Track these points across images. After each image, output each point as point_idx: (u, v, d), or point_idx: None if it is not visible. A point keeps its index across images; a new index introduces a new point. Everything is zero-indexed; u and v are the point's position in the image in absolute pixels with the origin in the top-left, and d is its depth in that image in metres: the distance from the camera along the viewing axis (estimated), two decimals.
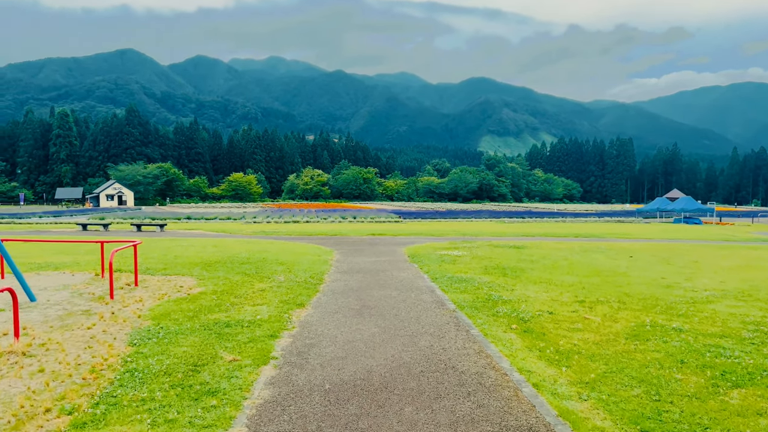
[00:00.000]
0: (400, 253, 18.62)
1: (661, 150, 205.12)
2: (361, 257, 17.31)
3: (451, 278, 12.62)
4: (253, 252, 17.63)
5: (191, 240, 22.90)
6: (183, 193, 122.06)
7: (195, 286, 11.17)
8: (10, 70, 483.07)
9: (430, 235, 27.74)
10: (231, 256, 16.35)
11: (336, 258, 17.10)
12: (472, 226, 39.10)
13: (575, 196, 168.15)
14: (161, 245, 20.05)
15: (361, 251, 19.34)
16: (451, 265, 15.13)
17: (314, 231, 29.85)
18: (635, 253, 19.32)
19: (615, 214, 59.18)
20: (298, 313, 9.03)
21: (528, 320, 8.51)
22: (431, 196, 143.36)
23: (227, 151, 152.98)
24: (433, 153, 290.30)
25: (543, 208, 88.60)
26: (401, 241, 24.11)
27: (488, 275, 13.23)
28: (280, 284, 11.55)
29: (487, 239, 25.14)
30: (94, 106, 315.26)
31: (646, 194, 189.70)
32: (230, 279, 12.03)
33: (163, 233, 27.83)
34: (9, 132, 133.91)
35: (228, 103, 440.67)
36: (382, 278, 12.80)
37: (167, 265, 14.00)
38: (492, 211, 68.27)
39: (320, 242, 22.93)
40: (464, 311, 9.12)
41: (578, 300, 10.17)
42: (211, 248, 18.94)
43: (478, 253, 18.26)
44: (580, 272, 13.99)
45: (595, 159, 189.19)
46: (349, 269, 14.40)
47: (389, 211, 66.10)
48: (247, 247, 19.78)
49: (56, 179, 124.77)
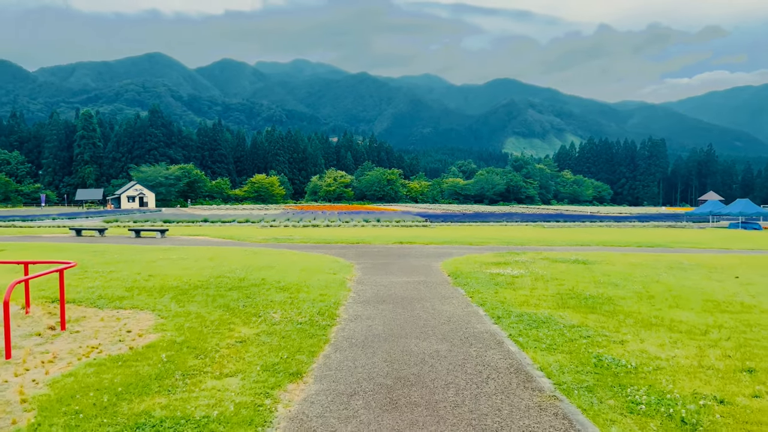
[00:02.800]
0: (436, 270, 14.90)
1: (694, 151, 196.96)
2: (389, 276, 13.66)
3: (519, 317, 8.86)
4: (252, 269, 14.08)
5: (188, 250, 19.50)
6: (205, 195, 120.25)
7: (149, 331, 7.64)
8: (42, 74, 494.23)
9: (466, 243, 23.92)
10: (222, 275, 12.82)
11: (356, 276, 13.47)
12: (509, 231, 35.12)
13: (605, 198, 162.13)
14: (145, 257, 16.67)
15: (388, 266, 15.69)
16: (509, 291, 11.34)
17: (334, 237, 26.30)
18: (732, 270, 15.26)
19: (658, 218, 54.35)
20: (289, 395, 5.41)
21: (697, 425, 4.74)
22: (456, 198, 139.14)
23: (250, 152, 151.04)
24: (458, 154, 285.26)
25: (575, 211, 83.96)
26: (434, 251, 20.38)
27: (571, 311, 9.41)
28: (272, 327, 7.94)
29: (535, 249, 21.25)
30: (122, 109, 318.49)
31: (679, 196, 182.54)
32: (204, 317, 8.46)
33: (163, 240, 24.61)
34: (35, 133, 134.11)
35: (253, 106, 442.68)
36: (420, 314, 9.12)
37: (131, 291, 10.50)
38: (523, 214, 64.18)
39: (339, 252, 19.36)
40: (573, 399, 5.34)
41: (740, 366, 6.33)
42: (205, 262, 15.46)
43: (537, 270, 14.40)
44: (692, 304, 10.09)
45: (626, 160, 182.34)
46: (374, 296, 10.74)
47: (414, 213, 62.66)
48: (250, 260, 16.28)
49: (80, 180, 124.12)
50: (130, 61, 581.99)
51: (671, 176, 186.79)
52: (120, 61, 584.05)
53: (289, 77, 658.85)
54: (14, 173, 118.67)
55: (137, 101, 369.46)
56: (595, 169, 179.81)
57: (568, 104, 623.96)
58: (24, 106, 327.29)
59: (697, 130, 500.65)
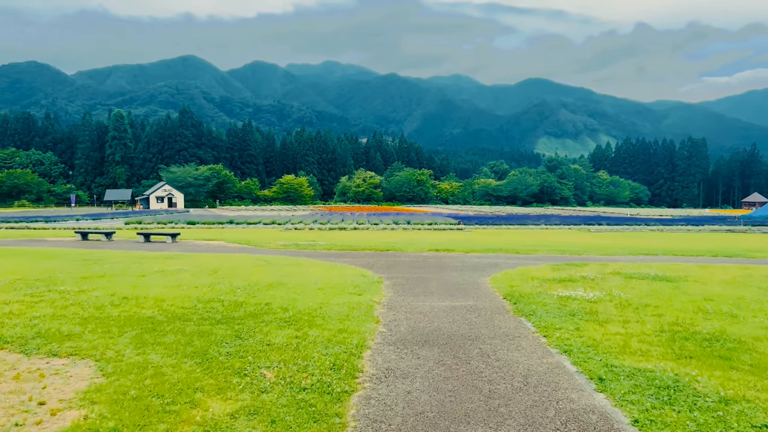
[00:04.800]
0: (486, 288, 12.00)
1: (737, 151, 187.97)
2: (427, 297, 10.83)
3: (631, 377, 5.92)
4: (258, 288, 11.38)
5: (192, 259, 16.99)
6: (234, 196, 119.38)
7: (72, 404, 4.99)
8: (80, 77, 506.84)
9: (512, 251, 20.88)
10: (216, 297, 10.13)
11: (387, 298, 10.69)
12: (554, 236, 31.85)
13: (642, 200, 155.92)
14: (138, 269, 14.18)
15: (425, 282, 12.87)
16: (594, 325, 8.38)
17: (361, 243, 23.58)
18: None
19: (710, 221, 50.01)
20: None
21: None
22: (488, 199, 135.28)
23: (280, 152, 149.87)
24: (488, 155, 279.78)
25: (613, 213, 79.70)
26: (477, 261, 17.45)
27: (698, 363, 6.42)
28: (258, 399, 5.19)
29: (596, 259, 18.09)
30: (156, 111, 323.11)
31: (721, 198, 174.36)
32: (164, 376, 5.76)
33: (172, 245, 22.27)
34: (68, 134, 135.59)
35: (284, 107, 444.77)
36: (482, 370, 6.28)
37: (85, 325, 7.86)
38: (561, 216, 60.54)
39: (367, 262, 16.61)
40: None
41: None
42: (204, 277, 12.85)
43: (615, 291, 11.35)
44: None
45: (664, 160, 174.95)
46: (412, 333, 7.94)
47: (445, 215, 59.72)
48: (259, 274, 13.65)
49: (111, 181, 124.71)
50: (164, 63, 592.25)
51: (712, 177, 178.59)
52: (154, 63, 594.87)
53: (319, 78, 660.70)
54: (48, 173, 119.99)
55: (171, 103, 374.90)
56: (632, 170, 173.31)
57: (602, 104, 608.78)
58: (62, 108, 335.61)
59: (736, 129, 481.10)
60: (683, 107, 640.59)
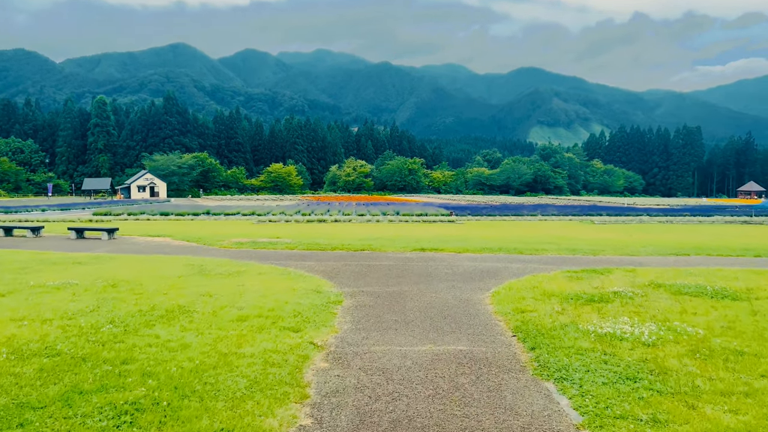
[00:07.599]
0: (486, 315, 8.45)
1: (732, 140, 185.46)
2: (399, 335, 7.25)
3: None
4: (145, 320, 7.64)
5: (103, 265, 13.20)
6: (221, 185, 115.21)
7: None
8: (68, 65, 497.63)
9: (513, 250, 17.31)
10: (51, 346, 6.42)
11: (337, 337, 7.10)
12: (556, 229, 28.36)
13: (636, 189, 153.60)
14: (13, 284, 10.51)
15: (401, 302, 9.30)
16: (680, 407, 4.81)
17: (335, 240, 19.95)
18: None
19: (718, 211, 46.73)
20: None
21: None
22: (481, 188, 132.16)
23: (268, 141, 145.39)
24: (481, 144, 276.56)
25: (610, 202, 76.61)
26: (472, 266, 13.89)
27: None
28: None
29: (617, 261, 14.56)
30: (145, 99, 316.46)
31: (716, 187, 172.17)
32: None
33: (105, 243, 18.52)
34: (50, 122, 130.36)
35: (276, 96, 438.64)
36: None
37: None
38: (557, 205, 57.52)
39: (331, 269, 13.04)
40: None
41: None
42: (87, 299, 9.11)
43: (673, 320, 7.78)
44: None
45: (659, 149, 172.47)
46: None
47: (437, 204, 56.45)
48: (167, 293, 9.96)
49: (94, 170, 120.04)
50: (154, 51, 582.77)
51: (706, 166, 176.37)
52: (144, 51, 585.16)
53: (311, 67, 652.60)
54: (27, 162, 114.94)
55: (161, 91, 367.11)
56: (626, 159, 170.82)
57: (594, 93, 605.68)
58: (50, 96, 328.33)
59: (727, 119, 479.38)
60: (675, 96, 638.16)
